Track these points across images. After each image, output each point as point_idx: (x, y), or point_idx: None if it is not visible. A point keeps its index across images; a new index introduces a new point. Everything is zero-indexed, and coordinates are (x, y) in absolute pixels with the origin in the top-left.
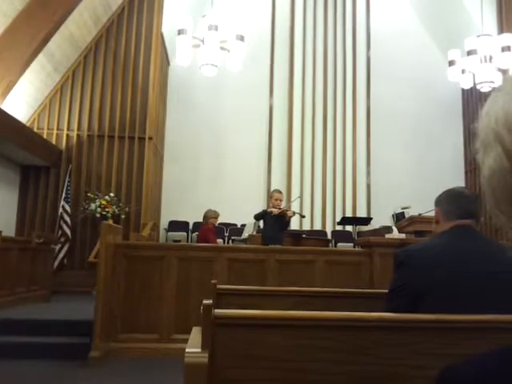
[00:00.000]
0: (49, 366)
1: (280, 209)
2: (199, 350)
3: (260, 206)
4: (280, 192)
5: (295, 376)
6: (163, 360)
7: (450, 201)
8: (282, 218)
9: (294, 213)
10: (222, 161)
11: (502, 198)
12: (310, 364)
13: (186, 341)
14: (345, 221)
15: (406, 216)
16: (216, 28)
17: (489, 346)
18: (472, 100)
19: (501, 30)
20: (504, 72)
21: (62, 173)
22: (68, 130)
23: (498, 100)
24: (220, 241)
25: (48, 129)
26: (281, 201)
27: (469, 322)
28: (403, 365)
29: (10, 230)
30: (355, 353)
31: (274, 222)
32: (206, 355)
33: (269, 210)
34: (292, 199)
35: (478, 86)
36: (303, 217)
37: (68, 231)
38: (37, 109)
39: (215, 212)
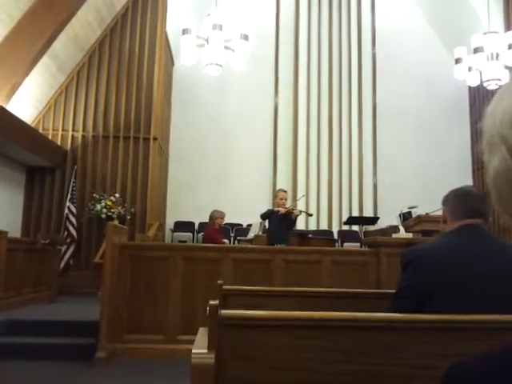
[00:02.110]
0: (55, 367)
1: (286, 208)
2: (205, 350)
3: (266, 205)
4: (285, 191)
5: (301, 376)
6: (169, 361)
7: (457, 200)
8: (288, 218)
9: (301, 212)
10: (227, 160)
11: (507, 198)
12: (316, 364)
13: (192, 342)
14: (351, 220)
15: (413, 215)
16: (220, 27)
17: (495, 346)
18: (479, 98)
19: (507, 28)
20: (511, 69)
21: (67, 173)
22: (73, 130)
23: (504, 100)
24: (226, 241)
25: (53, 129)
26: (286, 200)
27: (475, 322)
28: (407, 365)
29: (15, 231)
30: (361, 353)
31: (279, 221)
32: (213, 356)
33: (276, 209)
34: (297, 198)
35: (484, 84)
36: (310, 215)
37: (74, 232)
38: (42, 110)
39: (221, 212)
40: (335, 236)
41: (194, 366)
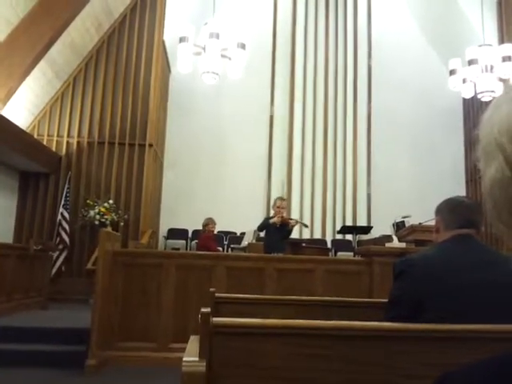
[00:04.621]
0: (45, 374)
1: (282, 217)
2: (197, 358)
3: (260, 214)
4: (283, 199)
5: None
6: (160, 369)
7: (450, 210)
8: (285, 227)
9: (297, 222)
10: (222, 169)
11: (503, 208)
12: (308, 373)
13: (183, 350)
14: (345, 229)
15: (407, 225)
16: (217, 36)
17: (487, 356)
18: (473, 109)
19: (501, 40)
20: (505, 81)
21: (61, 179)
22: (68, 136)
23: (502, 107)
24: (219, 249)
25: (48, 135)
26: (284, 208)
27: (467, 332)
28: (401, 374)
29: (7, 237)
30: (353, 362)
31: (276, 231)
32: (204, 364)
33: (271, 221)
34: (292, 213)
35: (478, 96)
36: (306, 226)
37: (66, 238)
38: (37, 115)
39: (211, 219)
40: (329, 245)
41: (184, 374)
